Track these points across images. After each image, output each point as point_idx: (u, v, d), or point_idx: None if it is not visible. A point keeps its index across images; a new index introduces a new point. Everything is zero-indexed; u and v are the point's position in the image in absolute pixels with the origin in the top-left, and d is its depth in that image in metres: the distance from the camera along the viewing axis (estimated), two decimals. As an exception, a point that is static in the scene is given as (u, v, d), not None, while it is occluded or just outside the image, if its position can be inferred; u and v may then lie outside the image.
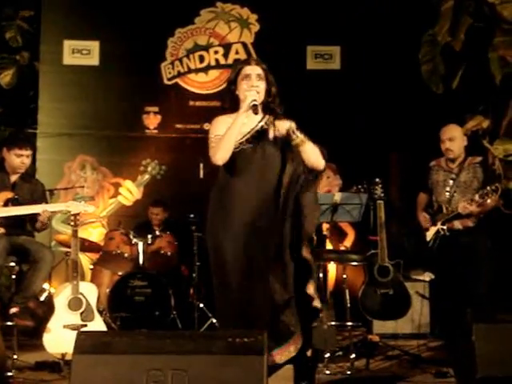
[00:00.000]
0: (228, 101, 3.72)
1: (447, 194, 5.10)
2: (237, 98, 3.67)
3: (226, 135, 3.52)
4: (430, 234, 5.16)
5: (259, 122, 3.65)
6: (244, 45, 7.75)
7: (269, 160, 3.61)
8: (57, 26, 7.70)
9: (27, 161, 5.13)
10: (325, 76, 7.63)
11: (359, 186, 5.26)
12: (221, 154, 3.51)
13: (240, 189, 3.56)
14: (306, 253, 3.63)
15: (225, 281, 3.55)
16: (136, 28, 7.59)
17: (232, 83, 3.70)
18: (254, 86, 3.63)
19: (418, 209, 5.34)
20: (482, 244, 5.01)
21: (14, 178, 5.16)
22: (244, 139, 3.58)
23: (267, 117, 3.68)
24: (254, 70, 3.67)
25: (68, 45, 7.67)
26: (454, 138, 5.11)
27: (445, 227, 5.04)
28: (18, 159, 5.08)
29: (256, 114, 3.60)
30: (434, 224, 5.12)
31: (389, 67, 7.27)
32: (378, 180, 5.60)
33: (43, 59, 7.67)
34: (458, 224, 5.05)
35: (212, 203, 3.65)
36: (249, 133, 3.60)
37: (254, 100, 3.57)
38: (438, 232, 5.10)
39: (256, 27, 7.75)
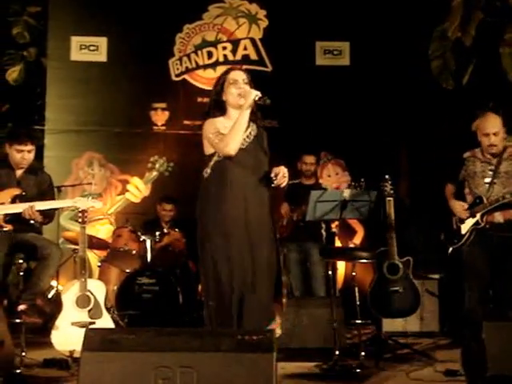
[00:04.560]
0: (214, 105, 3.98)
1: (486, 185, 4.77)
2: (223, 103, 3.95)
3: (235, 128, 3.81)
4: (466, 227, 4.81)
5: (248, 127, 3.91)
6: (252, 40, 7.73)
7: (258, 163, 3.92)
8: (64, 21, 7.69)
9: (28, 156, 5.10)
10: (334, 72, 7.61)
11: (354, 183, 5.18)
12: (233, 145, 3.80)
13: (234, 182, 3.83)
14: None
15: (214, 273, 3.80)
16: (144, 24, 7.58)
17: (219, 89, 3.96)
18: (241, 89, 3.90)
19: (448, 199, 4.97)
20: None
21: (19, 172, 5.15)
22: None
23: (251, 123, 3.94)
24: (241, 76, 3.96)
25: (75, 41, 7.66)
26: (498, 132, 4.75)
27: (484, 219, 4.71)
28: (18, 155, 5.07)
29: (266, 104, 3.85)
30: (473, 216, 4.77)
31: (399, 63, 7.24)
32: (387, 177, 5.56)
33: (50, 55, 7.67)
34: (499, 217, 4.73)
35: (202, 199, 3.91)
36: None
37: (257, 94, 3.84)
38: (476, 224, 4.76)
39: (265, 23, 7.73)
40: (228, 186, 3.82)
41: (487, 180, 4.79)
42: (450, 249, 4.95)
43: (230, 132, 3.81)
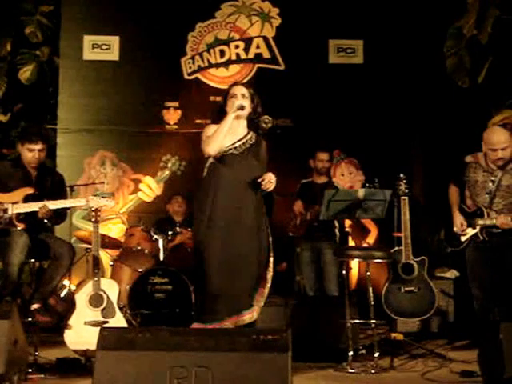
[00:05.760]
0: (217, 114, 4.42)
1: (487, 196, 4.91)
2: (225, 113, 4.35)
3: (217, 131, 4.24)
4: (466, 236, 5.01)
5: (245, 135, 4.35)
6: (265, 39, 7.70)
7: (250, 168, 4.30)
8: (77, 21, 7.70)
9: (39, 155, 5.08)
10: (347, 70, 7.58)
11: (369, 184, 5.13)
12: (212, 146, 4.24)
13: (225, 184, 4.25)
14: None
15: (205, 261, 4.18)
16: (156, 23, 7.58)
17: (222, 101, 4.43)
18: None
19: (452, 205, 5.13)
20: None
21: (34, 172, 5.14)
22: (233, 146, 4.30)
23: (251, 133, 4.37)
24: (240, 90, 4.37)
25: (88, 40, 7.67)
26: (507, 146, 4.81)
27: (484, 233, 4.90)
28: (29, 153, 5.05)
29: (242, 110, 4.28)
30: (473, 226, 4.95)
31: (413, 61, 7.21)
32: (402, 176, 5.52)
33: (63, 54, 7.68)
34: (495, 228, 4.89)
35: (199, 194, 4.39)
36: (238, 141, 4.32)
37: (241, 103, 4.29)
38: (475, 235, 4.95)
39: (277, 21, 7.70)
40: (219, 185, 4.25)
41: (488, 191, 4.90)
42: (449, 249, 5.14)
43: (213, 135, 4.25)
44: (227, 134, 4.28)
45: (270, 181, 4.21)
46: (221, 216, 4.21)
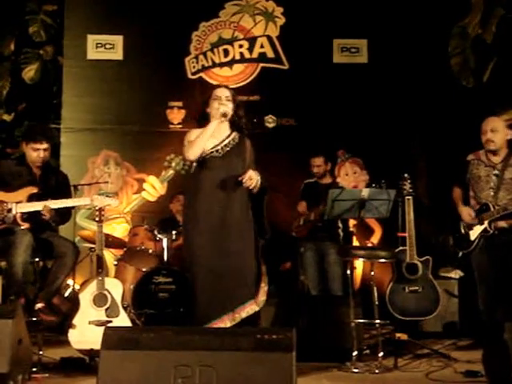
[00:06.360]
0: (200, 116, 4.44)
1: (491, 190, 4.96)
2: (207, 115, 4.38)
3: (199, 137, 4.26)
4: (475, 233, 5.02)
5: (227, 137, 4.36)
6: (269, 38, 7.70)
7: (232, 168, 4.29)
8: (80, 20, 7.71)
9: (44, 154, 5.09)
10: (352, 70, 7.57)
11: (375, 184, 5.13)
12: (193, 151, 4.26)
13: (206, 187, 4.27)
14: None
15: (194, 265, 4.25)
16: (160, 22, 7.58)
17: (205, 103, 4.43)
18: (223, 105, 4.33)
19: (457, 204, 5.17)
20: None
21: (38, 171, 5.14)
22: (214, 149, 4.31)
23: (234, 134, 4.38)
24: (224, 93, 4.39)
25: (92, 39, 7.67)
26: (496, 129, 4.95)
27: (492, 226, 4.92)
28: (34, 153, 5.06)
29: (225, 117, 4.30)
30: (481, 223, 4.97)
31: (417, 60, 7.19)
32: (406, 175, 5.52)
33: (67, 54, 7.69)
34: (502, 222, 4.93)
35: (186, 195, 4.53)
36: (219, 144, 4.32)
37: (225, 110, 4.30)
38: (485, 231, 4.96)
39: (281, 20, 7.70)
40: (200, 189, 4.27)
41: (491, 185, 4.95)
42: (460, 253, 5.14)
43: (194, 140, 4.26)
44: (209, 138, 4.32)
45: (250, 178, 4.19)
46: (204, 219, 4.21)
